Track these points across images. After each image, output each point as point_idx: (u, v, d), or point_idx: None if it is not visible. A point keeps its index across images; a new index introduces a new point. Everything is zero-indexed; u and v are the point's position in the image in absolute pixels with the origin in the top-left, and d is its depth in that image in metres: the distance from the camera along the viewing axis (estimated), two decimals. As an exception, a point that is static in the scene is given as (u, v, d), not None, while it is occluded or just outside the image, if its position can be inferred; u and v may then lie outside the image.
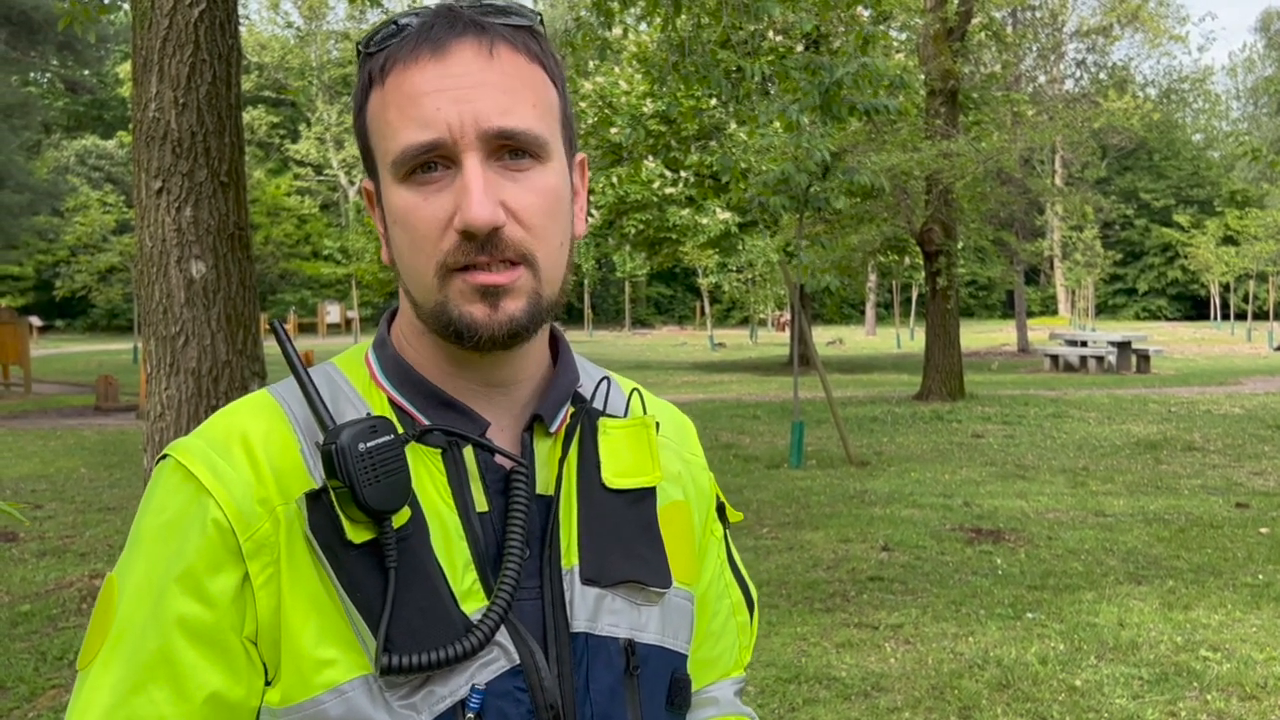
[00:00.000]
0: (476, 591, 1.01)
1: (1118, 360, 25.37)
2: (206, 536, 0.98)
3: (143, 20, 5.25)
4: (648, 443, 1.13)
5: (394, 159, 1.00)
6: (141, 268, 5.32)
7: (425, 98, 0.99)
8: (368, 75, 1.05)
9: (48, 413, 18.97)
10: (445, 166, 1.00)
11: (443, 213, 1.00)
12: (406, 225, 1.01)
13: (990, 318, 68.48)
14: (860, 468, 11.75)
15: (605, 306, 64.87)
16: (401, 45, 1.02)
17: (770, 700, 5.15)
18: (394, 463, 0.97)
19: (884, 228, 20.84)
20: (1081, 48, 42.81)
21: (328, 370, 1.11)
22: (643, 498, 1.12)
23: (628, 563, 1.08)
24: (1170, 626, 6.18)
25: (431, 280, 1.01)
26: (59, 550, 8.30)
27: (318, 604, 0.98)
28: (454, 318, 1.01)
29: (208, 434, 1.04)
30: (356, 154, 1.47)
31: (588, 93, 26.60)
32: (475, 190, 0.98)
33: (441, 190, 1.00)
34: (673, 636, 1.11)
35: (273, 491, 1.00)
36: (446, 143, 0.99)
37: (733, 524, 1.30)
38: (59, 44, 29.08)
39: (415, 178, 1.00)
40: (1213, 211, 58.36)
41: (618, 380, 1.22)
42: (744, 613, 1.28)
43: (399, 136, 1.00)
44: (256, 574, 0.98)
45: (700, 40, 9.62)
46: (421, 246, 1.01)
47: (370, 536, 0.98)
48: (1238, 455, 12.49)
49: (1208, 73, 65.22)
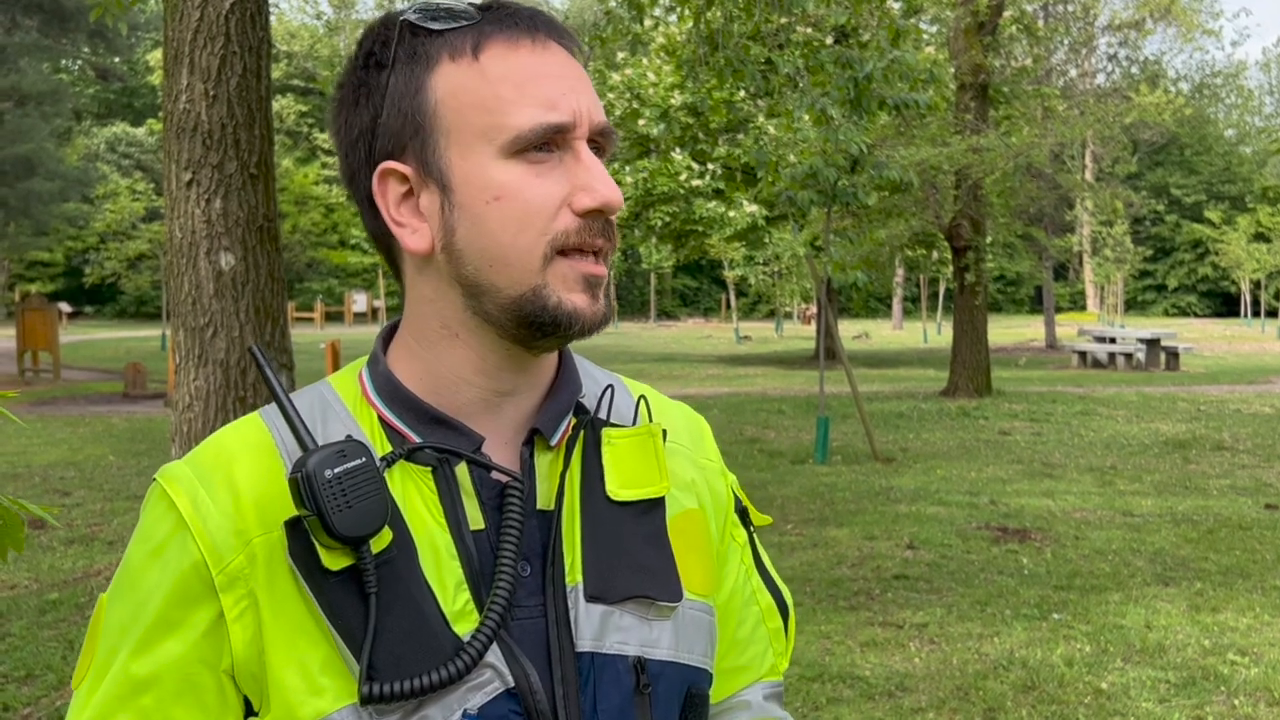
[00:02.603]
0: (470, 612, 0.99)
1: (1147, 357, 25.20)
2: (182, 572, 0.98)
3: (174, 12, 5.26)
4: (654, 451, 1.10)
5: (518, 134, 0.98)
6: (171, 259, 5.35)
7: (549, 80, 1.00)
8: (435, 49, 1.01)
9: (76, 399, 19.12)
10: (549, 150, 1.00)
11: (559, 191, 0.99)
12: (519, 199, 0.99)
13: (1018, 313, 68.11)
14: (886, 464, 11.72)
15: (631, 298, 64.86)
16: (495, 27, 1.01)
17: (794, 699, 5.14)
18: (366, 486, 0.95)
19: (912, 222, 20.75)
20: (1114, 42, 42.54)
21: (320, 390, 1.09)
22: (650, 509, 1.09)
23: (635, 577, 1.05)
24: (1198, 629, 6.14)
25: (537, 261, 0.99)
26: (87, 539, 8.36)
27: (306, 632, 0.97)
28: (551, 305, 1.00)
29: (196, 460, 1.03)
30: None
31: (615, 84, 26.58)
32: (603, 172, 1.00)
33: (552, 170, 1.00)
34: (688, 651, 1.08)
35: (251, 522, 0.98)
36: (570, 127, 0.99)
37: (758, 527, 1.27)
38: (90, 32, 29.23)
39: (528, 155, 0.99)
40: (1244, 208, 57.89)
41: (627, 385, 1.19)
42: (776, 619, 1.24)
43: (519, 113, 0.98)
44: (230, 608, 0.97)
45: (731, 34, 9.58)
46: (533, 222, 0.99)
47: (349, 563, 0.96)
48: (1267, 455, 12.38)
49: (1241, 68, 64.85)
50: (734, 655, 1.20)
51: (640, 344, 38.18)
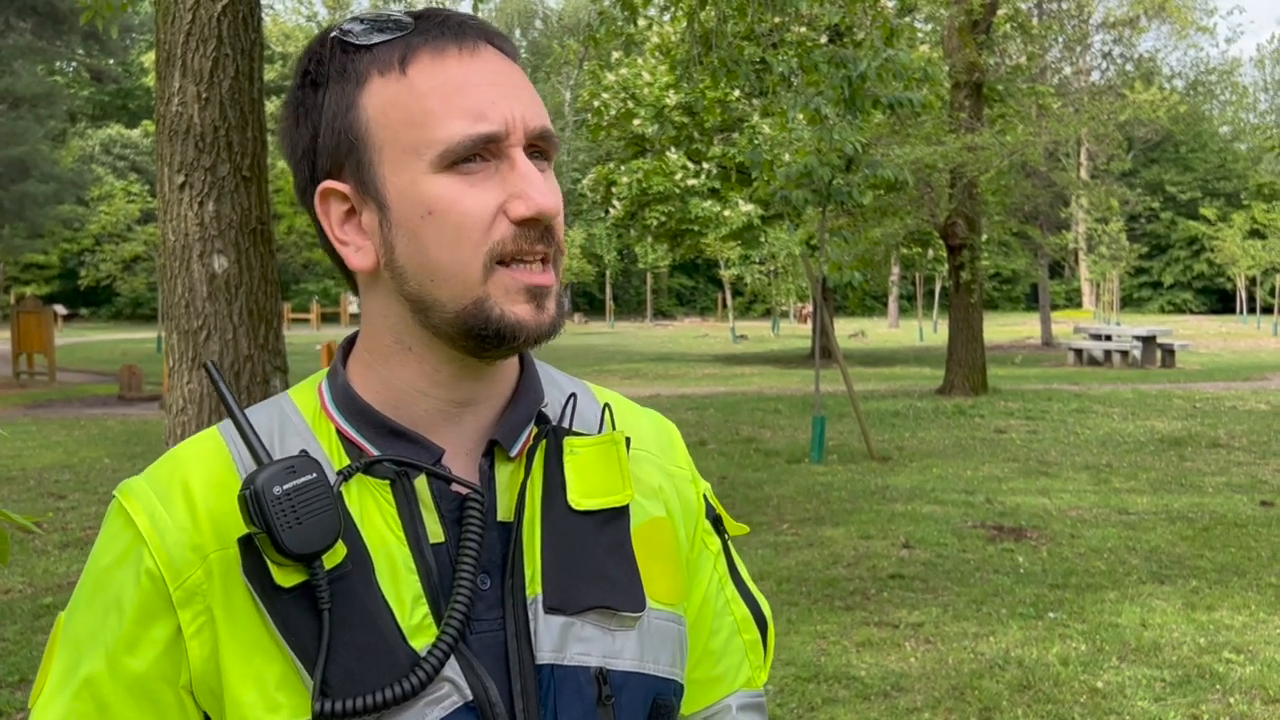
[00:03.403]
0: (428, 626, 0.98)
1: (1142, 354, 25.22)
2: (140, 588, 0.98)
3: (166, 15, 5.25)
4: (617, 460, 1.09)
5: (447, 147, 0.97)
6: (164, 262, 5.34)
7: (476, 89, 0.98)
8: (364, 65, 1.00)
9: (71, 402, 19.10)
10: (483, 159, 0.98)
11: (494, 201, 0.98)
12: (452, 213, 0.97)
13: (1014, 310, 68.19)
14: (882, 463, 11.72)
15: (627, 298, 64.86)
16: (421, 38, 0.99)
17: (789, 700, 5.14)
18: (317, 502, 0.94)
19: (907, 221, 20.75)
20: (1108, 39, 42.51)
21: (280, 403, 1.08)
22: (613, 518, 1.07)
23: (596, 587, 1.04)
24: (1193, 628, 6.14)
25: (476, 274, 0.98)
26: (82, 542, 8.35)
27: (262, 648, 0.96)
28: (494, 317, 0.98)
29: (154, 475, 1.03)
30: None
31: (610, 84, 26.58)
32: (537, 179, 0.98)
33: (485, 180, 0.98)
34: (653, 661, 1.07)
35: (208, 537, 0.98)
36: (502, 136, 0.98)
37: (734, 536, 1.25)
38: (84, 34, 29.18)
39: (460, 168, 0.98)
40: (1239, 204, 57.93)
41: (593, 392, 1.18)
42: (752, 630, 1.22)
43: (446, 126, 0.97)
44: (188, 623, 0.96)
45: (725, 33, 9.58)
46: (469, 235, 0.97)
47: (302, 579, 0.95)
48: (1263, 452, 12.40)
49: (1235, 64, 64.96)
50: (708, 665, 1.18)
51: (637, 343, 38.17)
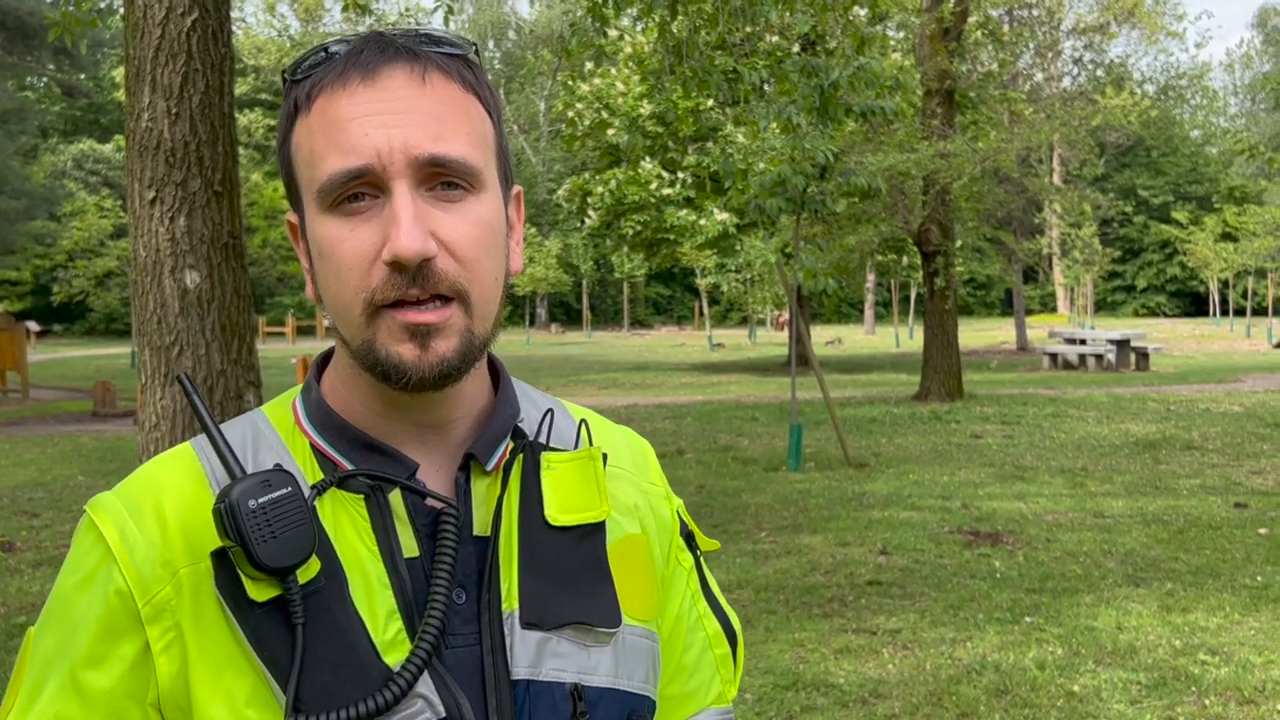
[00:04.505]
0: (401, 641, 0.97)
1: (1117, 358, 25.36)
2: (108, 604, 0.97)
3: (135, 30, 5.23)
4: (594, 476, 1.09)
5: (320, 187, 0.96)
6: (136, 277, 5.31)
7: (352, 123, 0.96)
8: (293, 103, 1.01)
9: (45, 419, 18.96)
10: (374, 196, 0.96)
11: (370, 245, 0.95)
12: (332, 257, 0.97)
13: (989, 315, 68.47)
14: (859, 470, 11.75)
15: (604, 307, 64.88)
16: (329, 71, 0.99)
17: (768, 708, 5.14)
18: (292, 516, 0.94)
19: (881, 228, 20.84)
20: (1079, 45, 42.87)
21: (253, 419, 1.08)
22: (590, 533, 1.07)
23: (573, 603, 1.04)
24: (1169, 630, 6.17)
25: (359, 317, 0.97)
26: (56, 560, 8.28)
27: (232, 663, 0.95)
28: (381, 358, 0.97)
29: (125, 491, 1.02)
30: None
31: (584, 94, 26.61)
32: (405, 219, 0.94)
33: (369, 220, 0.96)
34: (628, 677, 1.07)
35: (178, 552, 0.97)
36: (374, 169, 0.95)
37: (705, 552, 1.25)
38: (55, 49, 29.04)
39: (341, 208, 0.97)
40: (1211, 208, 58.39)
41: (568, 409, 1.18)
42: (723, 645, 1.22)
43: (324, 164, 0.96)
44: (156, 639, 0.96)
45: (697, 44, 9.61)
46: (348, 280, 0.96)
47: (276, 593, 0.95)
48: (1237, 454, 12.48)
49: (1205, 69, 65.45)
50: (680, 681, 1.19)
51: (614, 353, 38.17)
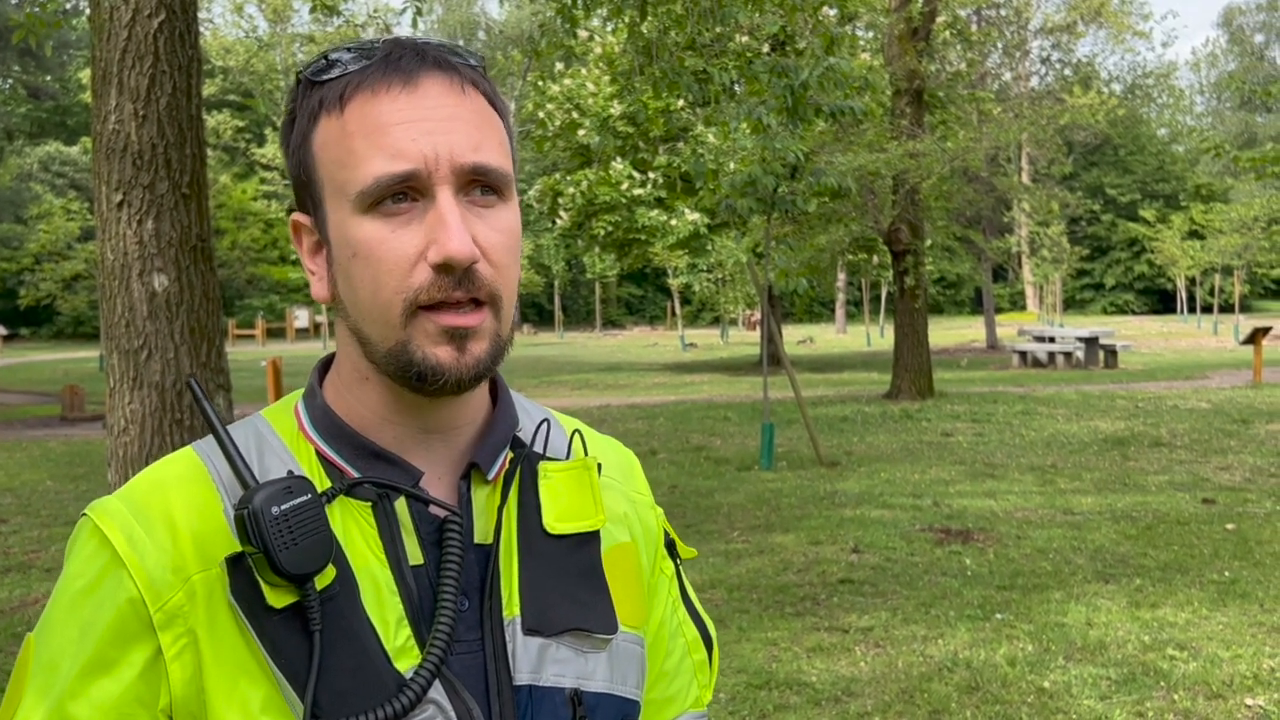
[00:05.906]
0: (411, 648, 0.99)
1: (1086, 356, 25.54)
2: (118, 610, 0.96)
3: (101, 32, 5.19)
4: (590, 485, 1.11)
5: (362, 189, 0.97)
6: (103, 281, 5.27)
7: (398, 128, 0.97)
8: (316, 103, 1.02)
9: (12, 424, 18.81)
10: (413, 199, 0.98)
11: (412, 247, 0.97)
12: (370, 258, 0.98)
13: (959, 314, 68.79)
14: (830, 468, 11.78)
15: (576, 308, 64.81)
16: (366, 74, 1.00)
17: (741, 707, 5.16)
18: (312, 523, 0.95)
19: (852, 228, 20.91)
20: (1046, 45, 43.12)
21: (255, 424, 1.08)
22: (586, 542, 1.10)
23: (572, 610, 1.06)
24: (1138, 626, 6.22)
25: (397, 318, 0.98)
26: (24, 566, 8.22)
27: (246, 670, 0.96)
28: (417, 359, 0.98)
29: (129, 495, 1.01)
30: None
31: (555, 95, 26.58)
32: (454, 223, 0.96)
33: (410, 223, 0.97)
34: (621, 682, 1.09)
35: (190, 559, 0.97)
36: (421, 175, 0.97)
37: (685, 559, 1.28)
38: (20, 50, 28.82)
39: (383, 209, 0.98)
40: (1178, 206, 58.89)
41: (559, 420, 1.20)
42: (701, 651, 1.25)
43: (367, 166, 0.97)
44: (169, 645, 0.96)
45: (666, 45, 9.62)
46: (387, 281, 0.98)
47: (293, 600, 0.95)
48: (1204, 450, 12.59)
49: (1171, 68, 65.79)
50: (662, 686, 1.21)
51: (586, 353, 38.15)
